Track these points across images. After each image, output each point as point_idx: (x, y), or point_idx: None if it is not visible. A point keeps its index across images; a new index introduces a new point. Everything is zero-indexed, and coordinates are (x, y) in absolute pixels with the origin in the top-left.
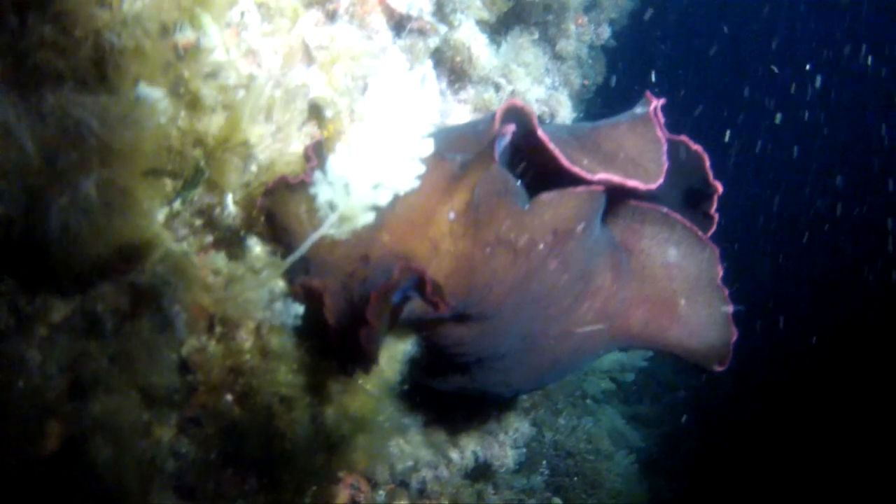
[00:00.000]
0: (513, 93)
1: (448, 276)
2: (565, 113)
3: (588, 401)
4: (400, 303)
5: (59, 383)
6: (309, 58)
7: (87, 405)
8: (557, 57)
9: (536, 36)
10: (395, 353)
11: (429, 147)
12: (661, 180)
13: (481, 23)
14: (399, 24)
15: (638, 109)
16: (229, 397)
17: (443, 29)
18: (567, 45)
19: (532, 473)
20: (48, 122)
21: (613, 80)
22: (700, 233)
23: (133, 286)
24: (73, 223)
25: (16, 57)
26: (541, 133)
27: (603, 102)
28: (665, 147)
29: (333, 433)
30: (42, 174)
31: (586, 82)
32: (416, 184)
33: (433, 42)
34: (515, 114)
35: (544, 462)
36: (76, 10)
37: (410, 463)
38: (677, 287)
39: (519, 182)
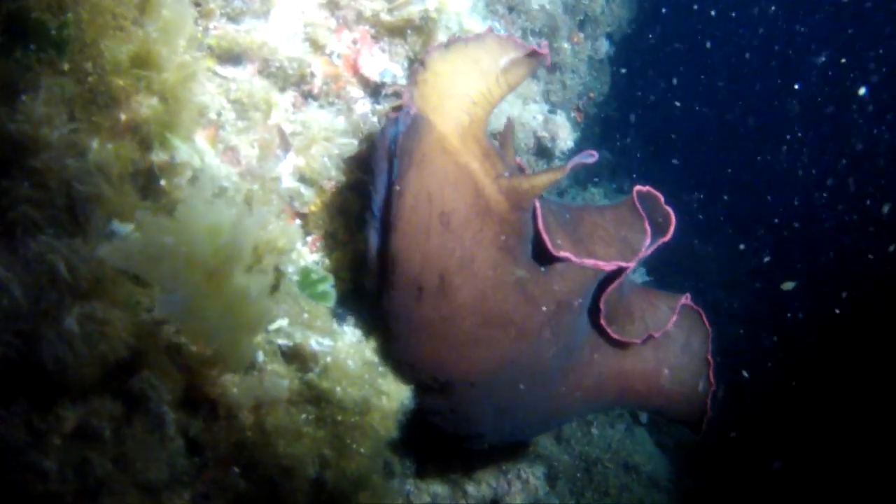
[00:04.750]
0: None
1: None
2: (565, 135)
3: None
4: None
5: (73, 487)
6: (286, 144)
7: None
8: (554, 76)
9: None
10: (387, 412)
11: None
12: (638, 257)
13: None
14: (375, 91)
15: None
16: (236, 470)
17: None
18: (563, 61)
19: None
20: (32, 269)
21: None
22: (700, 310)
23: (126, 394)
24: (61, 355)
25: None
26: (541, 223)
27: (605, 116)
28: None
29: (336, 495)
30: (30, 316)
31: (591, 95)
32: None
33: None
34: None
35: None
36: (49, 164)
37: (427, 499)
38: (663, 357)
39: None
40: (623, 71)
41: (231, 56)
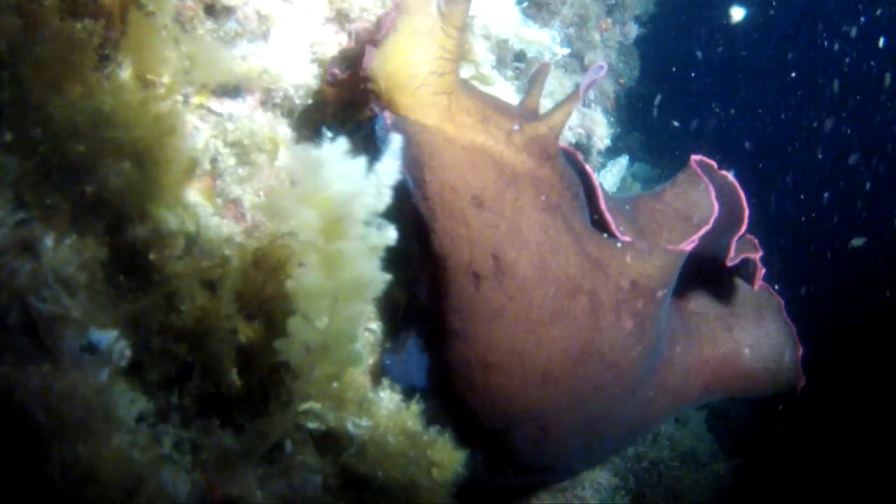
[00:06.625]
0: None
1: None
2: (602, 131)
3: None
4: None
5: None
6: None
7: None
8: (586, 70)
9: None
10: (438, 488)
11: None
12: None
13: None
14: None
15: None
16: None
17: None
18: (595, 57)
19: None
20: None
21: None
22: (768, 286)
23: None
24: None
25: None
26: (602, 204)
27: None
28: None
29: None
30: None
31: (622, 81)
32: None
33: None
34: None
35: (631, 478)
36: None
37: None
38: (739, 337)
39: None
40: (651, 52)
41: (227, 89)
